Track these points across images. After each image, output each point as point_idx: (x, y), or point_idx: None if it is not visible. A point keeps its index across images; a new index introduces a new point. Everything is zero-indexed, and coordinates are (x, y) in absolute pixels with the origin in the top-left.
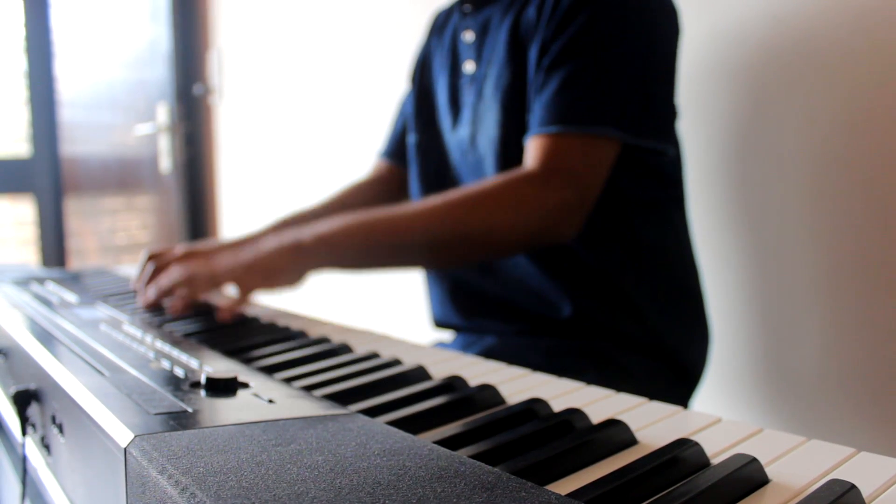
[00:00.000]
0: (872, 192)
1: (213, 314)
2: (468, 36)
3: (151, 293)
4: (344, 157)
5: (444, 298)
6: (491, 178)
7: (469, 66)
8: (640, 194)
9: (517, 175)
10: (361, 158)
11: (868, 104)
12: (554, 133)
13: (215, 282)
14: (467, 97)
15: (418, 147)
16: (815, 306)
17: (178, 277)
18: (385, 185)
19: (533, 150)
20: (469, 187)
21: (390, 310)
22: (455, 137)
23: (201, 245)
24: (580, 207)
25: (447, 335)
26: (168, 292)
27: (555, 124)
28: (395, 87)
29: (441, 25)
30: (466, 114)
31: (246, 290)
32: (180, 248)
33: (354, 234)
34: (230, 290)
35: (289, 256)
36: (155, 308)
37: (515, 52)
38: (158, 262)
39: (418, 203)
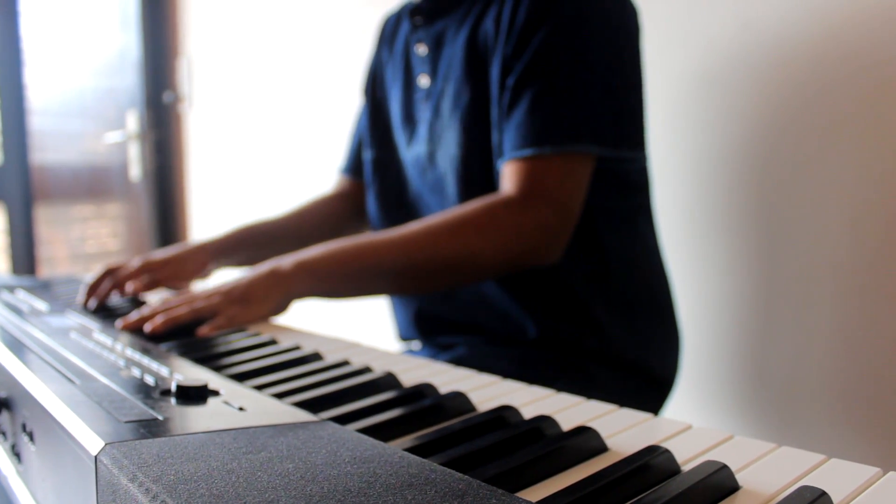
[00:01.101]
0: (844, 197)
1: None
2: (421, 49)
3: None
4: (313, 164)
5: (408, 323)
6: (471, 202)
7: (423, 81)
8: (606, 204)
9: (497, 200)
10: (330, 165)
11: (838, 108)
12: (530, 156)
13: (196, 315)
14: (423, 113)
15: (375, 164)
16: (787, 313)
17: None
18: (348, 201)
19: (510, 174)
20: (449, 212)
21: (360, 318)
22: (411, 154)
23: (156, 253)
24: (562, 229)
25: (416, 344)
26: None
27: (530, 147)
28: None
29: (391, 33)
30: (422, 130)
31: (226, 319)
32: (136, 260)
33: (334, 261)
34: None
35: (267, 284)
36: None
37: (474, 68)
38: (115, 277)
39: (399, 229)
